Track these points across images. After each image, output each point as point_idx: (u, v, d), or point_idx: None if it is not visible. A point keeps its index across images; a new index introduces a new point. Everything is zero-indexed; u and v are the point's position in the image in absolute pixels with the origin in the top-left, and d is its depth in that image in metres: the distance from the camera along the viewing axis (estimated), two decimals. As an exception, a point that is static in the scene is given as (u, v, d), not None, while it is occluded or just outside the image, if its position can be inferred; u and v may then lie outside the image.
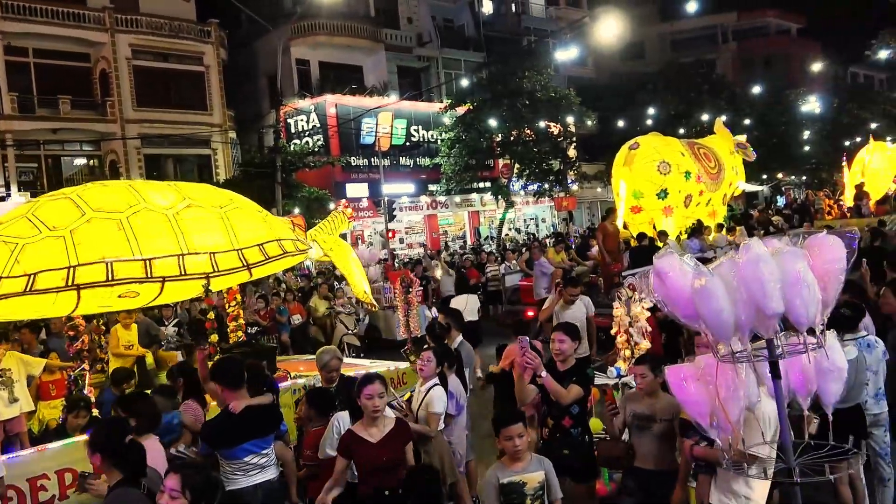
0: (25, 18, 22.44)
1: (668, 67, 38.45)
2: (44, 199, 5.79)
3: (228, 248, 5.80)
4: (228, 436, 4.35)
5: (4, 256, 4.95)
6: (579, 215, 37.22)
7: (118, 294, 5.48)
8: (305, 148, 26.70)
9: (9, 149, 22.30)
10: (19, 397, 6.63)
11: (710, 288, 2.81)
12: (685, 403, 3.35)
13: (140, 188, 6.03)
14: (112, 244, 5.24)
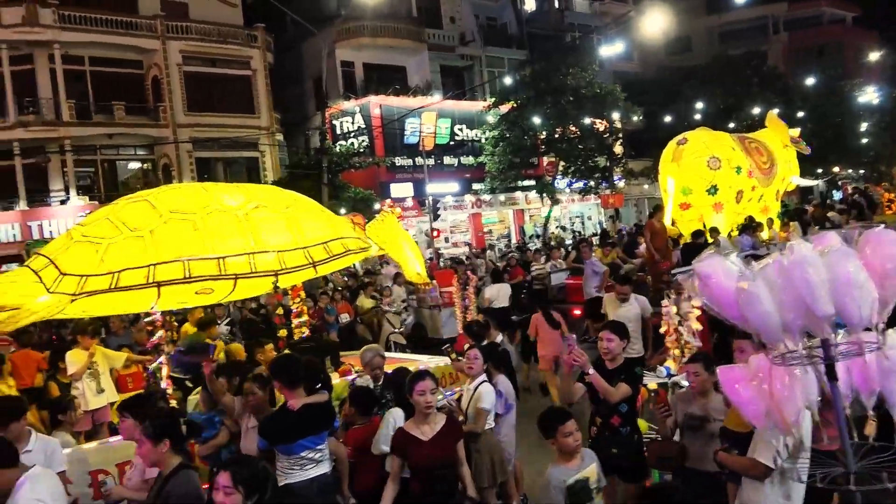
0: (81, 28, 23.26)
1: (716, 60, 37.55)
2: (123, 202, 6.05)
3: (295, 247, 5.99)
4: (286, 432, 4.45)
5: (91, 256, 5.20)
6: (626, 212, 36.69)
7: (195, 291, 5.74)
8: (351, 149, 26.99)
9: (68, 154, 23.15)
10: (105, 388, 7.00)
11: (753, 291, 2.76)
12: (738, 405, 3.29)
13: (211, 190, 6.28)
14: (188, 243, 5.48)
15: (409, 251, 7.48)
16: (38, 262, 5.29)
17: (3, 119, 22.60)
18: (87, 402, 7.09)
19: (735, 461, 3.76)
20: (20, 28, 22.26)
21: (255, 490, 3.12)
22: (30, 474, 3.39)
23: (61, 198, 23.23)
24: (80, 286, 5.08)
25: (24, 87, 22.90)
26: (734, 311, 2.89)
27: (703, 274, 2.96)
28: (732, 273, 2.87)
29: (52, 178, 23.30)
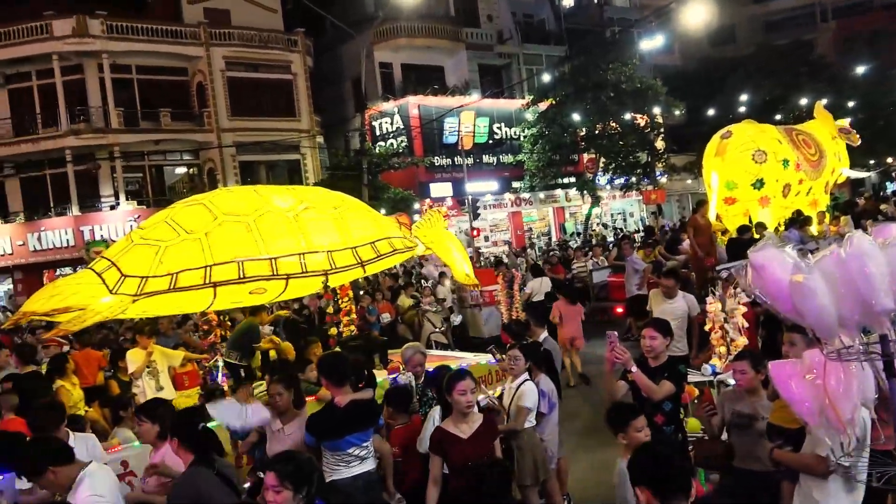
0: (128, 38, 23.94)
1: (761, 50, 36.61)
2: (179, 206, 6.25)
3: (344, 247, 6.09)
4: (334, 428, 4.50)
5: (150, 258, 5.38)
6: (669, 208, 36.09)
7: (249, 291, 5.88)
8: (390, 149, 27.15)
9: (117, 160, 23.84)
10: (164, 385, 7.20)
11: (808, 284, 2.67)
12: (791, 402, 3.20)
13: (262, 192, 6.41)
14: (242, 245, 5.62)
15: (457, 252, 7.48)
16: (101, 264, 5.49)
17: (56, 128, 23.42)
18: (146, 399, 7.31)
19: (793, 458, 3.65)
20: (70, 39, 23.03)
21: (303, 483, 3.16)
22: (88, 471, 3.54)
23: (111, 203, 23.94)
24: (140, 287, 5.25)
25: (75, 97, 23.69)
26: (787, 304, 2.80)
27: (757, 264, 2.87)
28: (787, 265, 2.78)
29: (102, 184, 24.05)
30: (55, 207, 24.03)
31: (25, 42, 22.91)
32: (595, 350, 10.98)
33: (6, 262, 23.58)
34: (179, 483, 3.77)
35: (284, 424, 4.71)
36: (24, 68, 23.61)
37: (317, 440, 4.52)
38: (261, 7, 27.61)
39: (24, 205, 24.17)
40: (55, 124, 23.48)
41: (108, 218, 23.52)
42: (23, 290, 24.28)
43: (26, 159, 23.79)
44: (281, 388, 4.77)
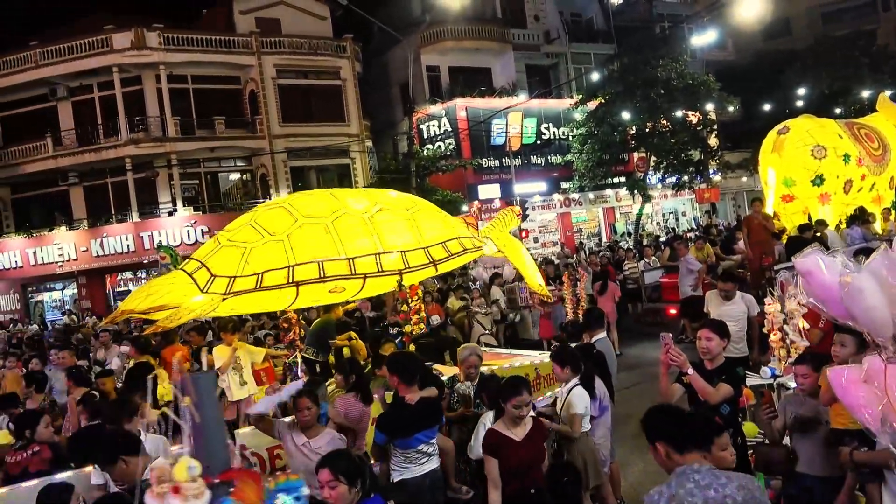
0: (184, 49, 24.66)
1: (818, 42, 35.42)
2: (262, 209, 6.52)
3: (417, 247, 6.28)
4: (406, 426, 4.55)
5: (236, 259, 5.64)
6: (723, 207, 35.25)
7: (328, 290, 6.11)
8: (438, 152, 27.26)
9: (174, 168, 24.58)
10: (247, 381, 7.48)
11: (856, 284, 2.60)
12: (851, 407, 3.10)
13: (339, 195, 6.64)
14: (322, 245, 5.84)
15: (529, 259, 7.48)
16: (191, 265, 5.80)
17: (116, 137, 24.30)
18: (231, 394, 7.65)
19: (874, 456, 3.50)
20: (129, 52, 23.86)
21: (357, 477, 3.22)
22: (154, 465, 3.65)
23: (169, 209, 24.69)
24: (229, 287, 5.50)
25: (134, 107, 24.53)
26: (839, 307, 2.75)
27: (803, 271, 2.84)
28: (835, 267, 2.73)
29: (160, 190, 24.82)
30: (116, 214, 24.92)
31: (87, 56, 23.84)
32: (647, 352, 10.80)
33: (71, 268, 24.55)
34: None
35: (310, 439, 4.50)
36: (86, 81, 24.58)
37: (388, 438, 4.56)
38: (310, 15, 28.10)
39: (87, 212, 25.16)
40: (116, 134, 24.36)
41: (166, 224, 24.27)
42: (86, 294, 25.30)
43: (89, 168, 24.78)
44: (309, 402, 4.55)
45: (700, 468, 2.72)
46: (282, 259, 5.64)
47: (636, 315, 14.65)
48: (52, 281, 26.20)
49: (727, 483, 2.64)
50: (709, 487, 2.62)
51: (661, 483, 2.74)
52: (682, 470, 2.73)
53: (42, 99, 24.86)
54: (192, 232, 24.24)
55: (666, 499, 2.65)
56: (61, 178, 25.04)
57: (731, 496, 2.59)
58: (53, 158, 24.39)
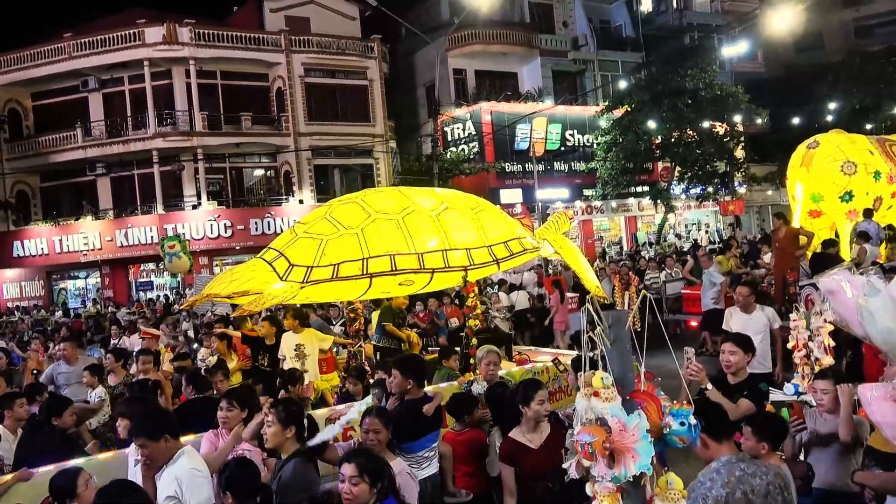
0: (214, 45, 24.93)
1: (851, 57, 34.90)
2: (335, 203, 6.77)
3: (480, 245, 6.46)
4: (417, 430, 4.54)
5: (313, 250, 5.87)
6: (747, 220, 34.82)
7: (398, 282, 6.38)
8: (461, 155, 27.27)
9: (200, 162, 24.85)
10: (308, 369, 7.54)
11: (870, 307, 2.74)
12: (879, 425, 3.08)
13: (407, 193, 6.90)
14: (393, 240, 6.07)
15: (585, 262, 7.53)
16: (270, 254, 6.03)
17: (145, 130, 24.61)
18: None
19: (875, 478, 3.56)
20: (161, 46, 24.17)
21: (379, 479, 3.24)
22: (186, 449, 3.82)
23: (193, 202, 24.95)
24: (306, 276, 5.73)
25: (163, 101, 24.84)
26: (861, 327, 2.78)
27: (827, 290, 2.90)
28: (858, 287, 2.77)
29: (185, 184, 25.09)
30: (141, 206, 25.25)
31: (119, 49, 24.19)
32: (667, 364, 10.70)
33: (95, 257, 24.91)
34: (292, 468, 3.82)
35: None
36: (117, 74, 24.95)
37: (397, 442, 4.51)
38: (339, 14, 28.28)
39: (113, 202, 25.52)
40: (144, 127, 24.68)
41: (190, 217, 24.52)
42: (109, 283, 25.65)
43: (117, 159, 25.14)
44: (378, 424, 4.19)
45: (743, 457, 3.08)
46: (356, 251, 5.88)
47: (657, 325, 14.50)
48: (77, 269, 26.60)
49: (767, 472, 2.99)
50: (754, 476, 2.95)
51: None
52: (728, 459, 3.05)
53: (73, 90, 25.27)
54: (216, 226, 24.46)
55: (720, 485, 2.93)
56: (89, 168, 25.44)
57: (773, 483, 2.94)
58: (82, 149, 24.78)
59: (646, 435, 2.38)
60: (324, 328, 9.97)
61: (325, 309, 12.20)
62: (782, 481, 3.02)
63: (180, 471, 3.63)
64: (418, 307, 12.31)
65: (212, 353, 8.84)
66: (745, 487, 2.91)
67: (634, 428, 2.38)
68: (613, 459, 2.38)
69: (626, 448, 2.35)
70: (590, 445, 2.37)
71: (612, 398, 2.44)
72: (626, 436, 2.36)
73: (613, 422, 2.39)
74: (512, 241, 6.65)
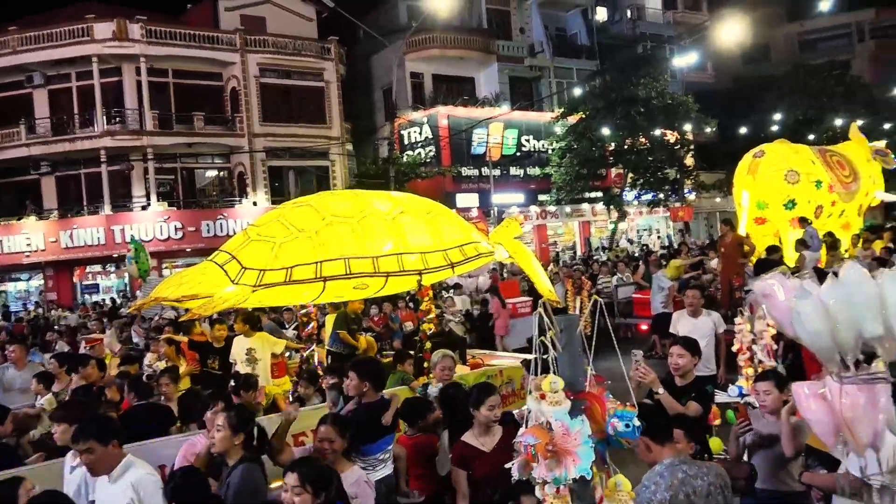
0: (167, 42, 24.41)
1: (796, 70, 36.22)
2: (289, 206, 6.73)
3: (435, 249, 6.47)
4: (373, 431, 4.53)
5: (266, 253, 5.80)
6: (696, 226, 35.71)
7: (353, 286, 6.38)
8: (418, 159, 27.28)
9: (150, 162, 24.28)
10: (260, 374, 7.39)
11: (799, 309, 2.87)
12: (809, 422, 3.26)
13: (362, 196, 6.90)
14: (348, 243, 6.04)
15: (538, 267, 7.57)
16: (222, 257, 5.94)
17: (92, 128, 23.92)
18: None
19: (820, 479, 3.68)
20: (110, 43, 23.56)
21: (323, 489, 3.19)
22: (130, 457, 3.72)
23: (142, 203, 24.36)
24: (259, 279, 5.66)
25: (112, 99, 24.20)
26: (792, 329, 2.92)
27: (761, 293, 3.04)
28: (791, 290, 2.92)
29: (134, 184, 24.48)
30: (88, 206, 24.51)
31: (67, 44, 23.47)
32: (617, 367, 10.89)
33: (39, 258, 24.08)
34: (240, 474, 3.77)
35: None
36: (64, 70, 24.18)
37: (352, 444, 4.46)
38: (296, 15, 28.01)
39: (58, 202, 24.71)
40: (92, 125, 24.00)
41: (139, 218, 23.93)
42: (53, 286, 24.81)
43: (63, 158, 24.34)
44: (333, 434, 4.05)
45: (686, 459, 3.15)
46: (310, 255, 5.85)
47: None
48: (19, 271, 25.66)
49: (708, 472, 3.07)
50: (696, 477, 3.02)
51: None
52: (671, 462, 3.11)
53: (18, 85, 24.36)
54: (166, 227, 23.92)
55: (664, 489, 2.98)
56: (33, 166, 24.53)
57: (714, 483, 3.01)
58: (26, 146, 23.91)
59: (587, 440, 2.44)
60: (276, 332, 9.84)
61: (279, 312, 12.06)
62: (722, 481, 3.10)
63: (138, 477, 3.55)
64: (373, 311, 12.27)
65: (159, 358, 8.66)
66: (688, 489, 2.97)
67: (577, 433, 2.43)
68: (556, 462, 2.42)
69: (568, 451, 2.40)
70: (532, 447, 2.42)
71: (559, 402, 2.48)
72: (568, 439, 2.41)
73: (557, 425, 2.44)
74: (467, 245, 6.67)
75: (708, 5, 39.49)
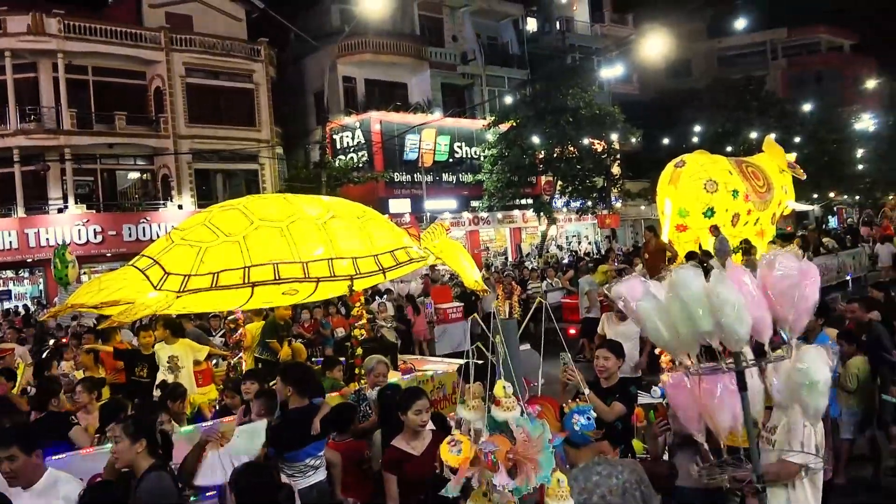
0: (86, 38, 23.42)
1: (715, 84, 37.93)
2: (216, 210, 6.56)
3: (367, 254, 6.43)
4: (296, 439, 4.48)
5: (191, 258, 5.64)
6: (622, 233, 36.83)
7: (282, 291, 6.22)
8: (350, 163, 27.09)
9: (67, 163, 23.20)
10: (182, 382, 7.07)
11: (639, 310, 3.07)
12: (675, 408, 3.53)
13: (292, 200, 6.79)
14: (277, 248, 5.93)
15: (465, 260, 7.68)
16: (143, 261, 5.76)
17: (4, 126, 22.68)
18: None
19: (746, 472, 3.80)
20: (25, 37, 22.44)
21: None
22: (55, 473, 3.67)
23: (59, 206, 23.25)
24: (183, 284, 5.52)
25: (27, 96, 23.02)
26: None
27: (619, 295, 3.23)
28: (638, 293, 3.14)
29: (50, 186, 23.33)
30: (0, 208, 23.21)
31: (-24, 37, 22.21)
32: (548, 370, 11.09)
33: (-56, 263, 22.64)
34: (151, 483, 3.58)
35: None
36: (-26, 64, 22.87)
37: (277, 451, 4.48)
38: (224, 14, 27.38)
39: (-34, 204, 23.31)
40: (4, 122, 22.74)
41: (56, 221, 22.83)
42: (-40, 292, 23.36)
43: (-29, 157, 22.99)
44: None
45: (600, 461, 3.18)
46: (238, 260, 5.73)
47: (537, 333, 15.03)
48: (-79, 276, 24.05)
49: (623, 470, 3.12)
50: (610, 476, 3.05)
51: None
52: (586, 465, 3.15)
53: (-79, 79, 22.91)
54: (84, 231, 22.90)
55: (577, 492, 2.96)
56: (-62, 165, 23.10)
57: (629, 480, 3.06)
58: (-70, 143, 22.50)
59: (548, 446, 2.40)
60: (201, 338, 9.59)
61: (206, 319, 11.73)
62: (637, 476, 3.16)
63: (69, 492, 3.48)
64: (304, 316, 12.09)
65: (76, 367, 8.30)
66: (603, 490, 3.03)
67: (539, 438, 2.39)
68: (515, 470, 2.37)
69: (530, 459, 2.36)
70: (493, 454, 2.36)
71: (513, 407, 2.45)
72: (529, 446, 2.36)
73: (518, 432, 2.39)
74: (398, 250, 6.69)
75: (634, 20, 40.87)
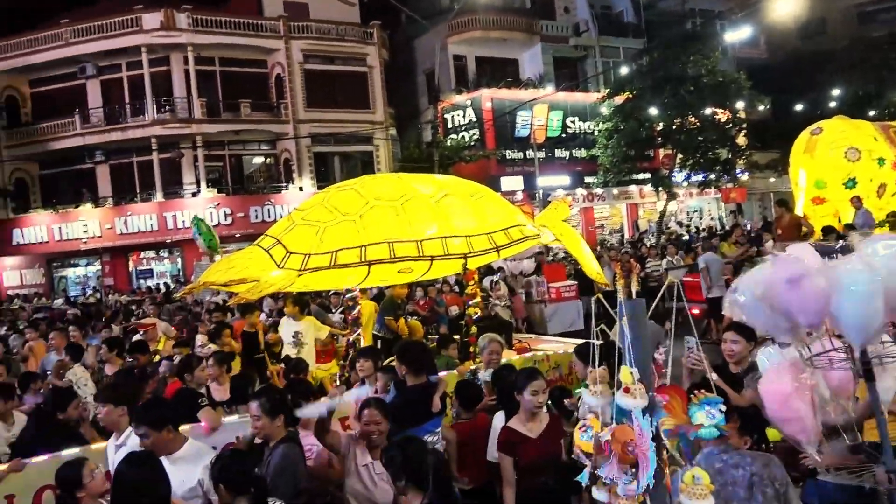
0: (212, 31, 24.76)
1: (854, 43, 34.66)
2: (333, 190, 6.72)
3: (480, 232, 6.37)
4: (417, 416, 4.49)
5: (311, 237, 5.83)
6: (749, 207, 34.71)
7: (398, 270, 6.37)
8: (462, 142, 27.12)
9: (199, 150, 24.72)
10: (304, 357, 7.50)
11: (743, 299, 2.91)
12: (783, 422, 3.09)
13: (405, 179, 6.87)
14: (392, 227, 6.00)
15: (586, 250, 7.50)
16: (267, 241, 5.99)
17: (143, 117, 24.47)
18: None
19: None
20: (158, 32, 24.01)
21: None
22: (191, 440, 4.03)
23: (193, 190, 24.86)
24: (304, 263, 5.69)
25: (161, 88, 24.69)
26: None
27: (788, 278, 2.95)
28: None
29: (185, 171, 25.00)
30: (141, 193, 25.15)
31: (117, 35, 24.02)
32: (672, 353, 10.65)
33: (96, 245, 24.84)
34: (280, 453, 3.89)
35: (375, 460, 4.04)
36: (115, 60, 24.77)
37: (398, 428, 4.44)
38: (338, 0, 28.03)
39: (112, 190, 25.41)
40: (142, 114, 24.55)
41: (190, 204, 24.44)
42: (109, 271, 25.61)
43: (115, 146, 25.00)
44: (379, 416, 4.11)
45: (727, 449, 3.05)
46: (354, 238, 5.83)
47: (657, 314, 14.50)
48: (77, 257, 26.53)
49: (753, 462, 2.99)
50: (737, 467, 2.95)
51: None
52: (710, 451, 3.01)
53: (71, 77, 25.09)
54: (216, 213, 24.38)
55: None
56: (88, 155, 25.28)
57: (759, 474, 2.92)
58: (81, 136, 24.64)
59: (652, 444, 2.22)
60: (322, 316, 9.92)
61: (325, 297, 12.14)
62: (770, 473, 2.95)
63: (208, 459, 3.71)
64: (419, 294, 12.25)
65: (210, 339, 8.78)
66: (727, 478, 2.88)
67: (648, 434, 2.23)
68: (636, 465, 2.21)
69: (643, 455, 2.19)
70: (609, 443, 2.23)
71: (642, 395, 2.25)
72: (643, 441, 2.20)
73: (635, 424, 2.23)
74: (512, 228, 6.56)
75: (761, -22, 38.13)
